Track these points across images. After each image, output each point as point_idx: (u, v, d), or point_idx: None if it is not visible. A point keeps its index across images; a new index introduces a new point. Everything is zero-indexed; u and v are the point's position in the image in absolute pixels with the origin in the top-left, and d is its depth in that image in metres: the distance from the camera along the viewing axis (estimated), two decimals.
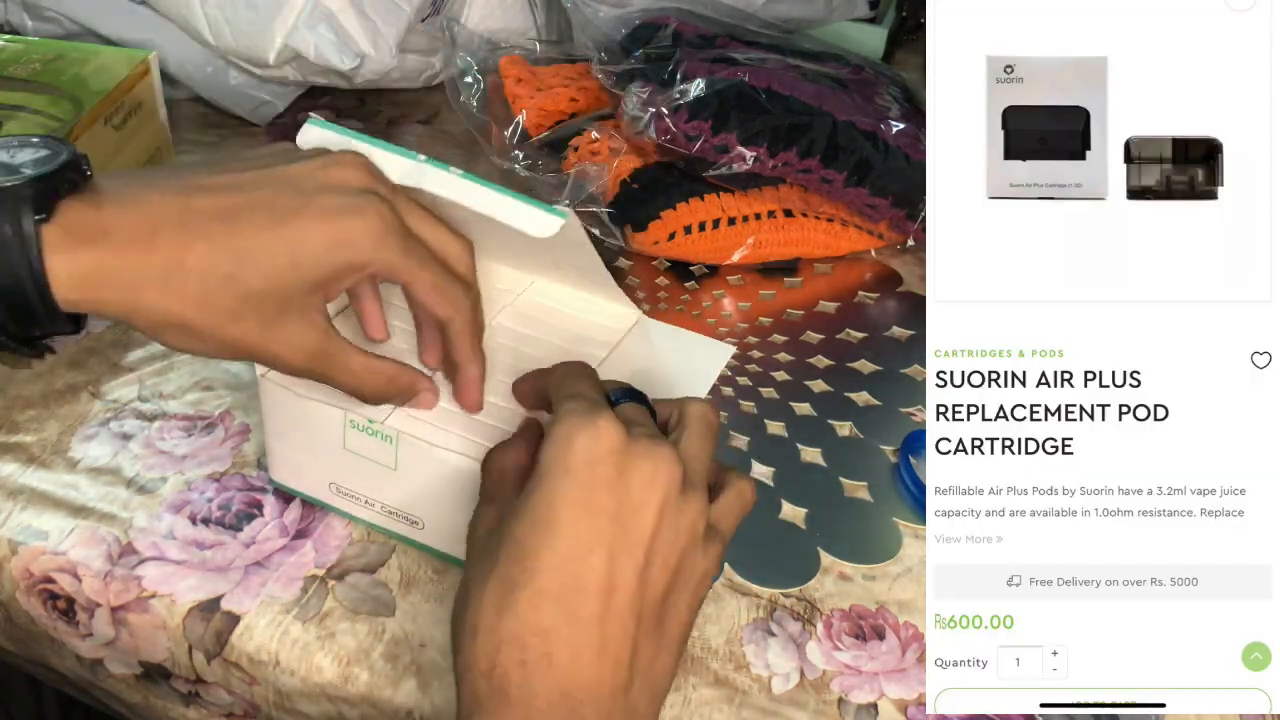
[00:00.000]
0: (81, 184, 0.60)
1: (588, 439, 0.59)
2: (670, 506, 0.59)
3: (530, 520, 0.58)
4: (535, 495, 0.58)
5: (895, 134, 1.06)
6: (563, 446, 0.59)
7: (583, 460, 0.58)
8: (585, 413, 0.60)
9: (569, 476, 0.58)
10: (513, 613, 0.56)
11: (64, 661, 0.80)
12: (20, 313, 0.58)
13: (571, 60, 1.26)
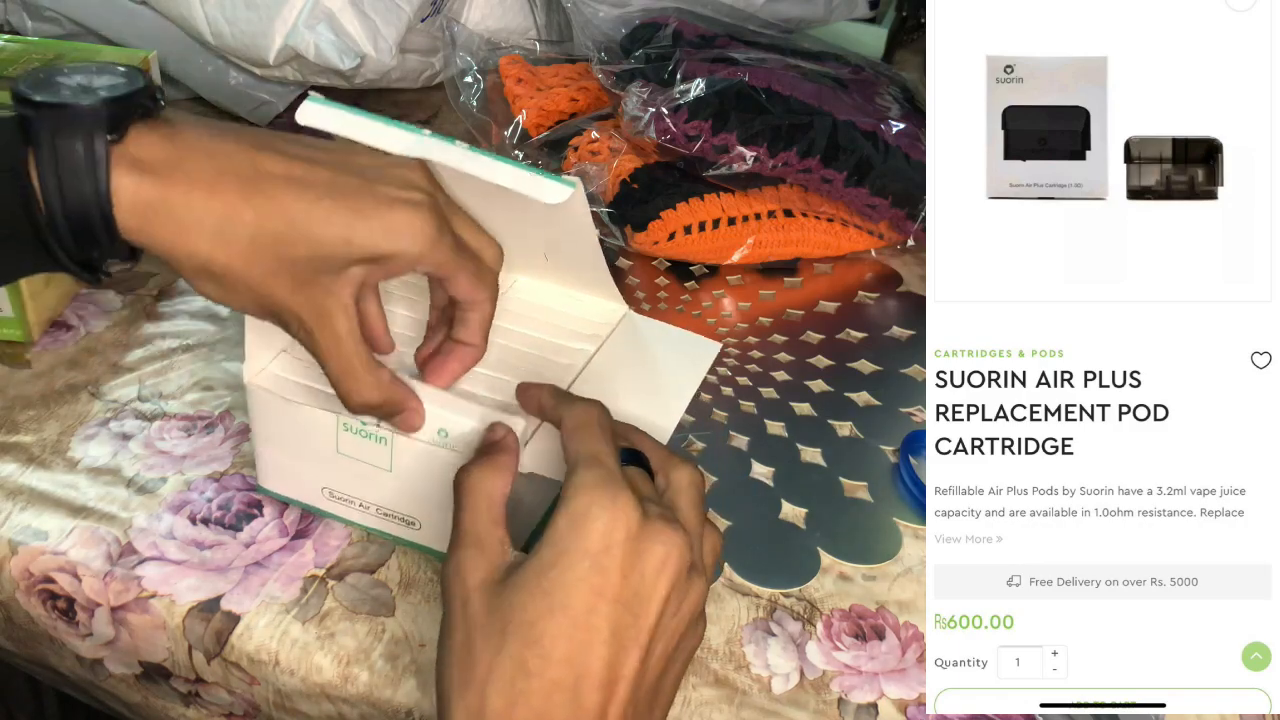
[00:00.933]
0: (154, 110, 0.60)
1: (608, 520, 0.58)
2: (677, 592, 0.59)
3: (546, 603, 0.57)
4: (551, 575, 0.57)
5: (895, 134, 1.06)
6: (581, 526, 0.58)
7: (601, 544, 0.58)
8: (604, 486, 0.59)
9: (587, 561, 0.57)
10: (525, 703, 0.56)
11: (64, 661, 0.80)
12: (82, 233, 0.58)
13: (571, 60, 1.26)
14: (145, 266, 1.03)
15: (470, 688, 0.57)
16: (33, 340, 0.93)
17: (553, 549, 0.58)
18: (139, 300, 0.99)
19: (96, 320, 0.96)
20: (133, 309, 0.98)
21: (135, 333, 0.95)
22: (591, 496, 0.59)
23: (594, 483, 0.59)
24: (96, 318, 0.97)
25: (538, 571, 0.58)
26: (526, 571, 0.58)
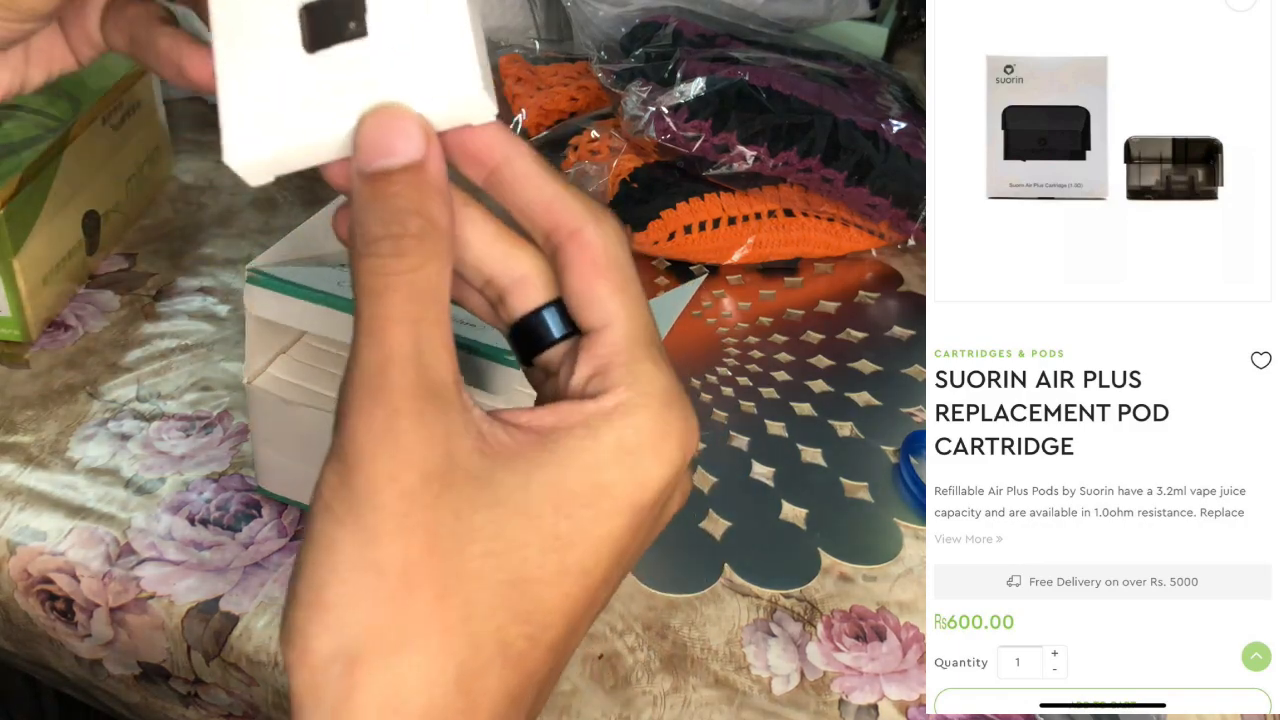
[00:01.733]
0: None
1: (673, 470, 0.46)
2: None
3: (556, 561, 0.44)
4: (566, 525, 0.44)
5: (896, 133, 1.06)
6: (639, 470, 0.45)
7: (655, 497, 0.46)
8: (677, 416, 0.46)
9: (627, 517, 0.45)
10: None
11: (63, 662, 0.79)
12: None
13: (571, 59, 1.26)
14: (144, 267, 1.03)
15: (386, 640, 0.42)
16: (31, 340, 0.93)
17: (583, 477, 0.45)
18: (137, 300, 0.99)
19: (95, 320, 0.96)
20: (131, 309, 0.98)
21: (134, 333, 0.95)
22: (664, 428, 0.46)
23: (664, 405, 0.46)
24: (95, 318, 0.97)
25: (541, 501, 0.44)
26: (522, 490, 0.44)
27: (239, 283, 0.97)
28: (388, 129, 0.44)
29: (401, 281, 0.43)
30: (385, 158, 0.44)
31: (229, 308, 0.98)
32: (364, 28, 0.45)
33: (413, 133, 0.44)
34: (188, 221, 1.09)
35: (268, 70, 0.44)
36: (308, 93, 0.44)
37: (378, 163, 0.44)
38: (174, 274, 1.02)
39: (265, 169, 0.45)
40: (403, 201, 0.44)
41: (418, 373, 0.42)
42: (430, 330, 0.43)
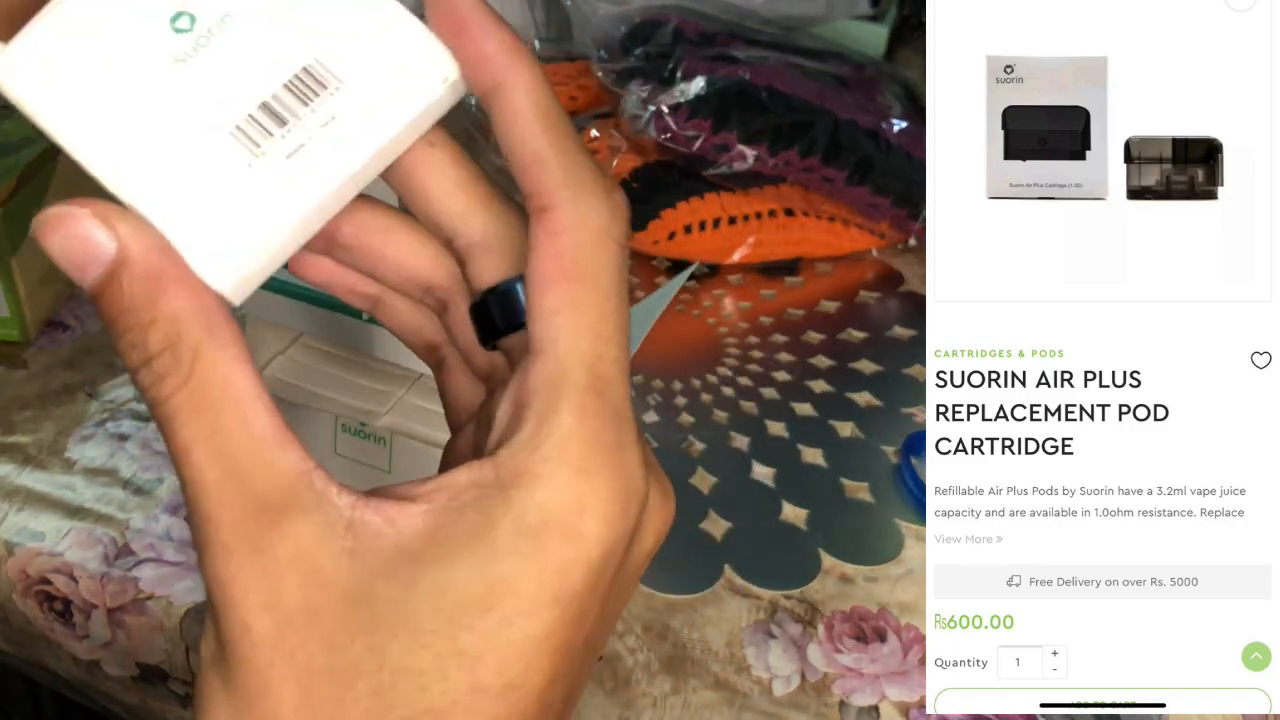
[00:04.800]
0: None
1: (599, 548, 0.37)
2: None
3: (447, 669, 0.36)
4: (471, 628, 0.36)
5: (897, 133, 1.06)
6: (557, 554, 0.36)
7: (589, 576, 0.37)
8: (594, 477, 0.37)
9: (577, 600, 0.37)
10: None
11: (61, 663, 0.79)
12: None
13: (570, 58, 1.25)
14: None
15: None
16: (29, 340, 0.93)
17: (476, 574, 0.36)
18: None
19: (93, 320, 0.96)
20: None
21: None
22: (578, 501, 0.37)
23: (579, 471, 0.37)
24: (93, 317, 0.96)
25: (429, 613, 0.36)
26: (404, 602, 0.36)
27: None
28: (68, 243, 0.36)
29: (176, 405, 0.36)
30: (86, 272, 0.36)
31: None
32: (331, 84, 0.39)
33: (88, 234, 0.36)
34: None
35: (201, 173, 0.38)
36: (259, 175, 0.38)
37: (86, 281, 0.36)
38: None
39: (256, 275, 0.39)
40: (129, 317, 0.36)
41: (235, 497, 0.36)
42: (231, 438, 0.36)
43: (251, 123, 0.38)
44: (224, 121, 0.38)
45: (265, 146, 0.38)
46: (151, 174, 0.37)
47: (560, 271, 0.38)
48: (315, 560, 0.36)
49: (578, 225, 0.38)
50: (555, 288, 0.38)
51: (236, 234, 0.37)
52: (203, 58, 0.38)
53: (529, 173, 0.38)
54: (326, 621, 0.35)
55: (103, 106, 0.37)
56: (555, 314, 0.38)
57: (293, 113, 0.38)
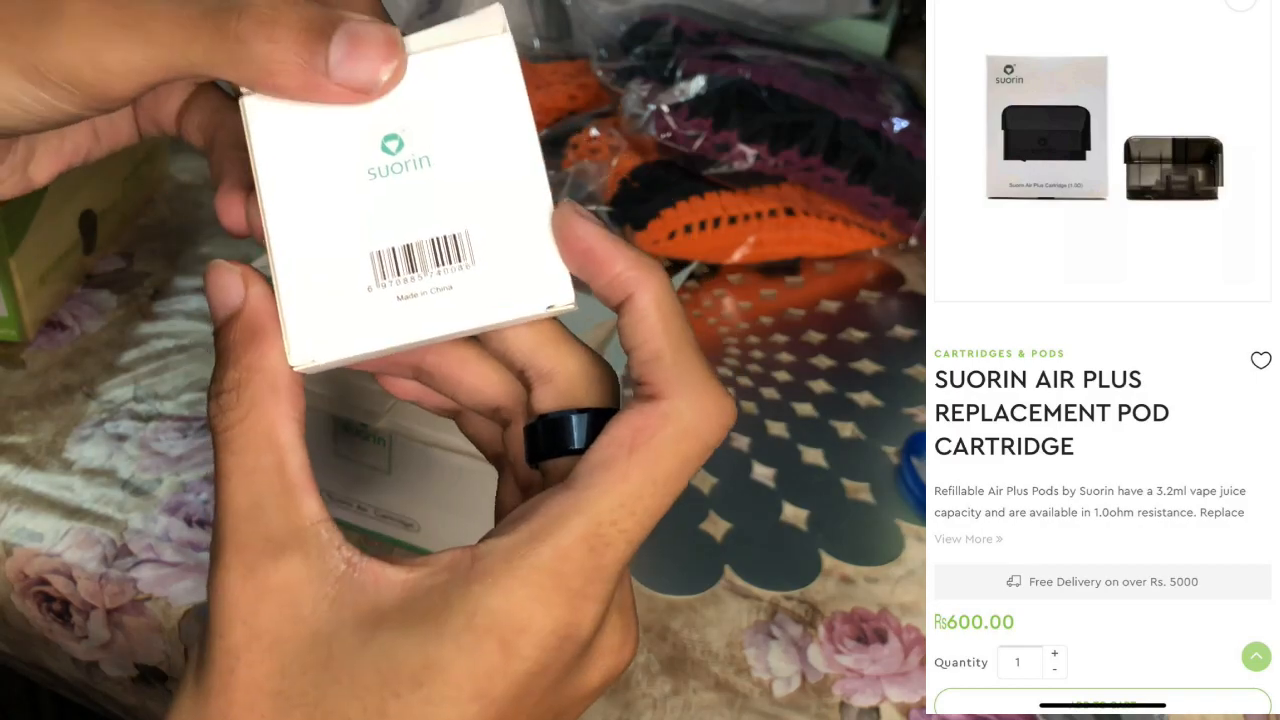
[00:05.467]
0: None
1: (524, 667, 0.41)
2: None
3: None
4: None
5: (898, 132, 1.06)
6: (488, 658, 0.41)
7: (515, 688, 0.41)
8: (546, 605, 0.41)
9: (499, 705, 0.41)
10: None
11: (59, 664, 0.79)
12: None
13: (570, 57, 1.26)
14: (141, 266, 1.03)
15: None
16: (28, 340, 0.93)
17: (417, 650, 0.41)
18: (134, 300, 0.99)
19: (91, 320, 0.96)
20: (128, 309, 0.98)
21: (130, 333, 0.95)
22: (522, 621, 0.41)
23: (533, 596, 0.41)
24: (91, 318, 0.96)
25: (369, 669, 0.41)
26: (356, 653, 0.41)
27: None
28: (214, 286, 0.44)
29: (229, 436, 0.43)
30: (216, 313, 0.44)
31: None
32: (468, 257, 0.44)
33: (230, 284, 0.44)
34: (185, 221, 1.09)
35: (333, 273, 0.43)
36: (370, 299, 0.43)
37: (214, 321, 0.45)
38: (171, 274, 1.02)
39: (324, 368, 0.44)
40: (225, 356, 0.44)
41: (251, 526, 0.42)
42: (266, 479, 0.42)
43: (390, 256, 0.43)
44: (371, 243, 0.43)
45: (388, 281, 0.43)
46: (300, 256, 0.43)
47: (630, 444, 0.42)
48: (297, 596, 0.41)
49: (667, 415, 0.42)
50: (617, 451, 0.42)
51: (326, 335, 0.43)
52: (389, 182, 0.43)
53: (646, 366, 0.43)
54: (288, 651, 0.41)
55: (300, 180, 0.43)
56: (600, 468, 0.42)
57: (425, 266, 0.43)
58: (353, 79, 0.42)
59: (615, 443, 0.42)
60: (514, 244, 0.43)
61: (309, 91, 0.42)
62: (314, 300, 0.43)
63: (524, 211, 0.44)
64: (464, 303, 0.43)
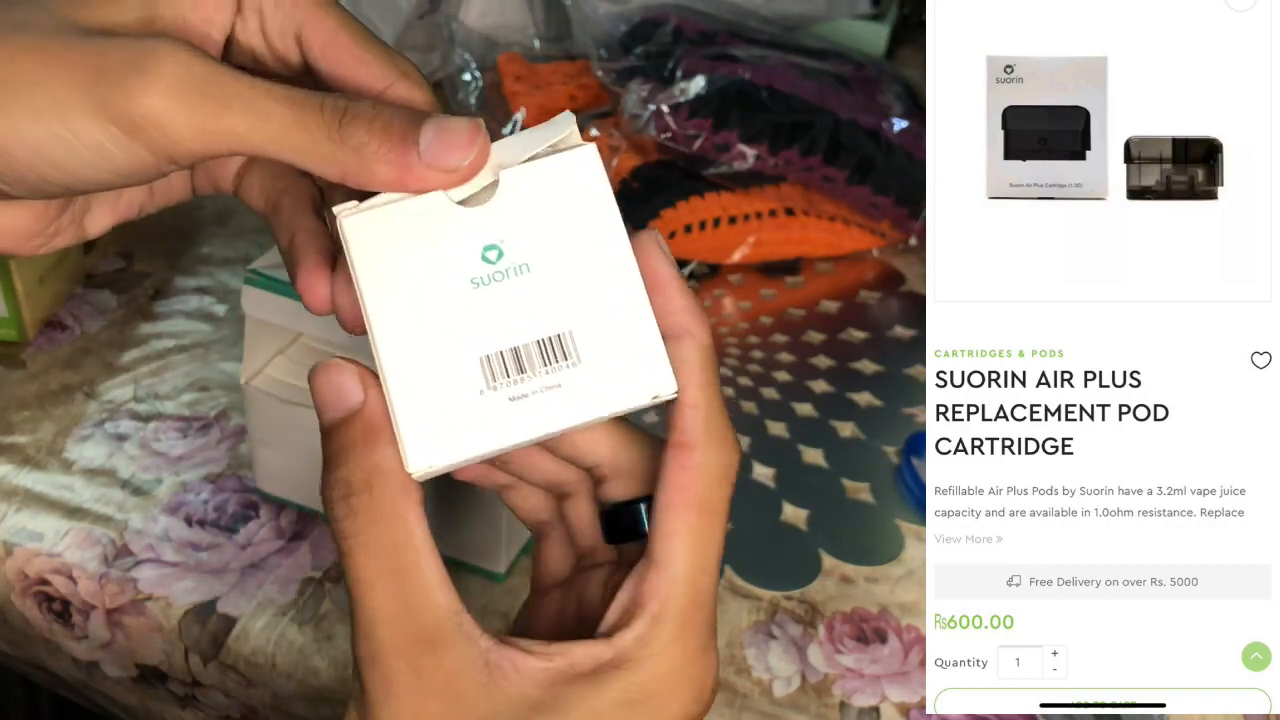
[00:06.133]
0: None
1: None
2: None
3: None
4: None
5: (898, 132, 1.06)
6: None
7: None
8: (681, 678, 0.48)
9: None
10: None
11: (60, 664, 0.79)
12: None
13: (570, 58, 1.26)
14: (141, 266, 1.03)
15: None
16: (28, 340, 0.93)
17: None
18: (134, 300, 0.99)
19: (92, 320, 0.96)
20: (128, 309, 0.98)
21: (131, 333, 0.95)
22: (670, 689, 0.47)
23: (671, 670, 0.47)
24: (92, 318, 0.96)
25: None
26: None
27: (237, 282, 0.97)
28: (327, 384, 0.46)
29: (363, 541, 0.45)
30: (329, 412, 0.46)
31: (226, 307, 0.98)
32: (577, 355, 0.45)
33: (347, 384, 0.45)
34: (185, 221, 1.09)
35: (444, 379, 0.45)
36: (482, 402, 0.45)
37: (325, 418, 0.46)
38: (171, 273, 1.02)
39: (440, 472, 0.45)
40: (346, 455, 0.45)
41: (404, 626, 0.44)
42: (407, 579, 0.45)
43: (499, 360, 0.45)
44: (480, 348, 0.45)
45: (499, 384, 0.45)
46: (411, 362, 0.44)
47: (684, 502, 0.46)
48: (459, 686, 0.45)
49: (705, 464, 0.47)
50: (678, 515, 0.46)
51: (441, 439, 0.44)
52: (492, 289, 0.45)
53: (683, 414, 0.47)
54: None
55: (404, 292, 0.45)
56: (675, 536, 0.46)
57: (533, 367, 0.45)
58: (442, 162, 0.44)
59: (672, 506, 0.47)
60: (616, 339, 0.45)
61: (403, 175, 0.44)
62: (427, 406, 0.44)
63: (622, 307, 0.45)
64: (573, 399, 0.45)
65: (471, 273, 0.45)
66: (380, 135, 0.43)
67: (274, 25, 0.48)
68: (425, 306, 0.45)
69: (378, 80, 0.48)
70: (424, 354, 0.45)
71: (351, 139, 0.43)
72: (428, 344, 0.45)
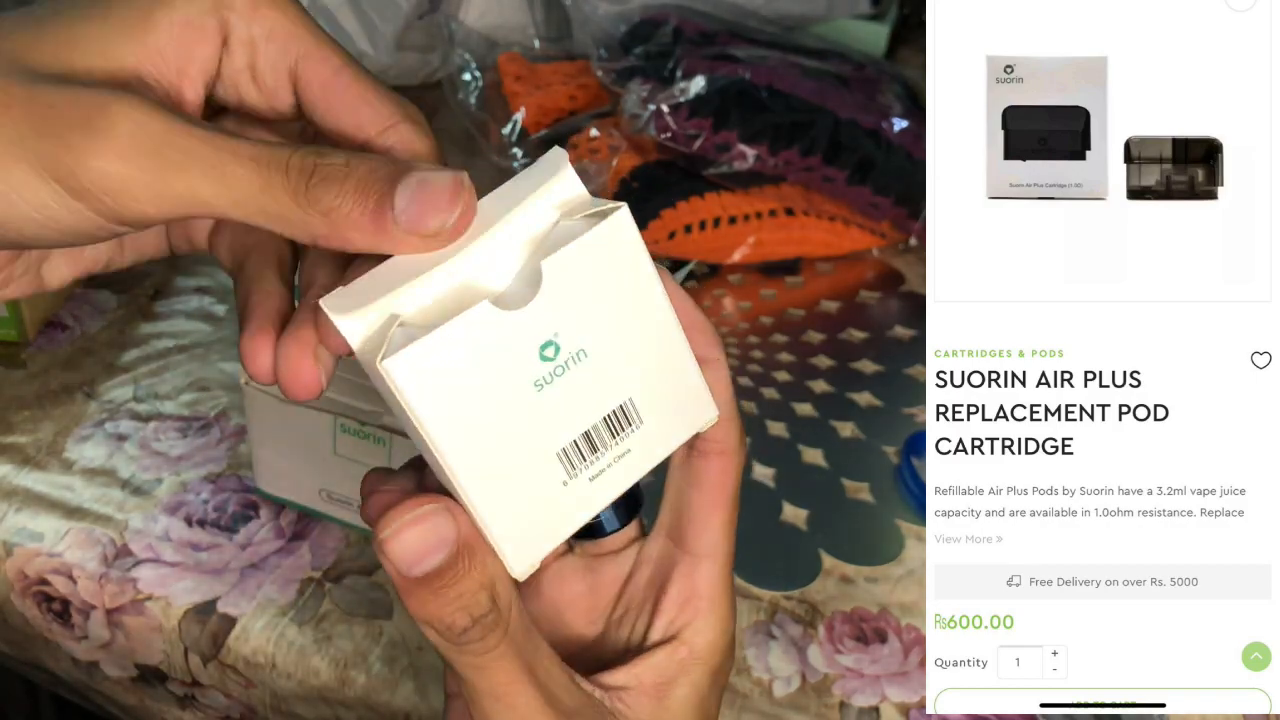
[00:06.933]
0: None
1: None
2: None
3: None
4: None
5: (898, 132, 1.06)
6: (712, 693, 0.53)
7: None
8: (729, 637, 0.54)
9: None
10: None
11: (59, 664, 0.79)
12: None
13: (570, 57, 1.25)
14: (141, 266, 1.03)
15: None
16: (28, 340, 0.93)
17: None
18: (134, 300, 0.99)
19: (92, 320, 0.96)
20: (128, 309, 0.98)
21: (131, 333, 0.95)
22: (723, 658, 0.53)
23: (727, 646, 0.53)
24: (92, 318, 0.96)
25: None
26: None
27: None
28: (422, 536, 0.42)
29: (499, 652, 0.44)
30: (427, 561, 0.43)
31: (226, 307, 0.98)
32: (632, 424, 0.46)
33: (443, 528, 0.43)
34: None
35: (529, 485, 0.44)
36: (566, 490, 0.45)
37: (423, 567, 0.43)
38: (171, 273, 1.02)
39: (534, 569, 0.46)
40: (462, 588, 0.43)
41: (554, 713, 0.46)
42: (540, 669, 0.46)
43: (575, 449, 0.44)
44: (556, 444, 0.44)
45: (578, 470, 0.45)
46: (493, 478, 0.43)
47: (725, 502, 0.51)
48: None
49: (738, 467, 0.51)
50: (722, 513, 0.51)
51: (538, 536, 0.45)
52: (556, 386, 0.43)
53: (720, 426, 0.49)
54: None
55: (469, 416, 0.42)
56: (718, 531, 0.51)
57: (604, 444, 0.45)
58: (421, 226, 0.41)
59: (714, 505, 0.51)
60: (668, 390, 0.46)
61: (378, 240, 0.41)
62: (519, 515, 0.44)
63: (669, 358, 0.46)
64: (640, 455, 0.46)
65: (533, 376, 0.43)
66: (352, 197, 0.40)
67: (266, 61, 0.45)
68: (494, 424, 0.43)
69: (379, 120, 0.46)
70: (505, 470, 0.43)
71: (321, 202, 0.40)
72: (506, 460, 0.43)
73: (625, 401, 0.45)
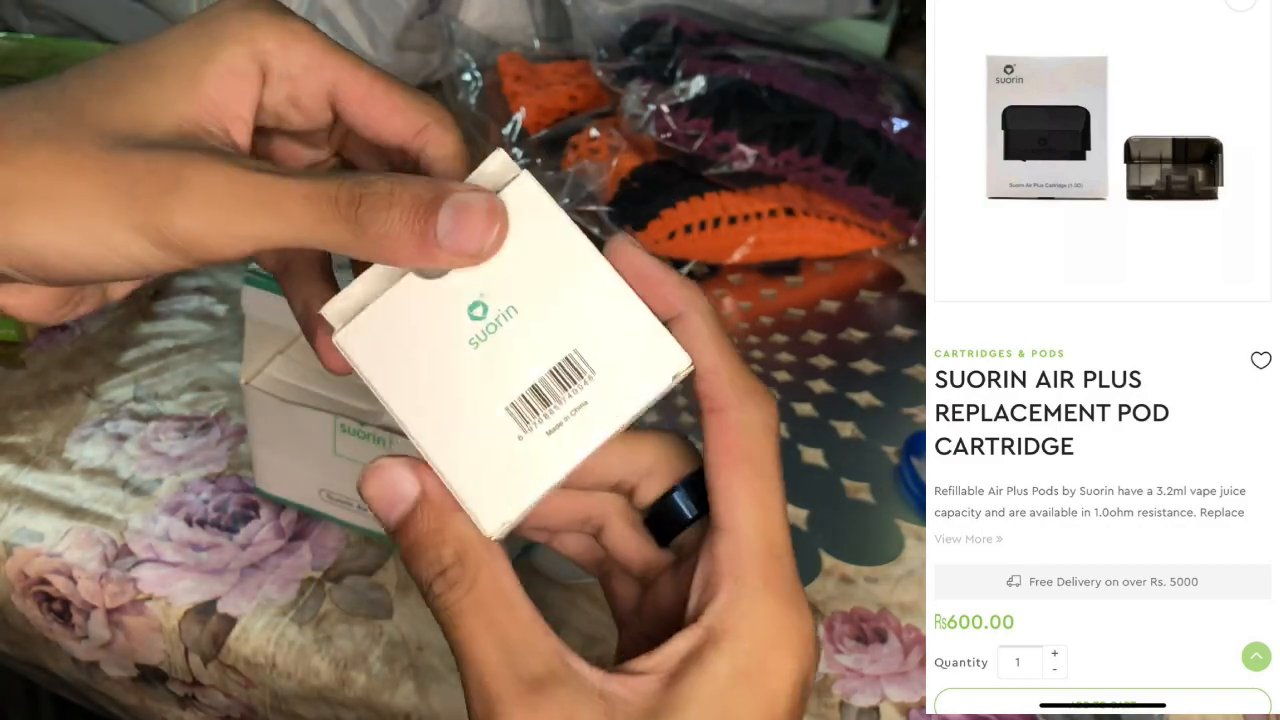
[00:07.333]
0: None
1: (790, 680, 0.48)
2: None
3: None
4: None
5: (898, 132, 1.06)
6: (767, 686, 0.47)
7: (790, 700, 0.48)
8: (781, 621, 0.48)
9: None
10: None
11: (60, 664, 0.79)
12: None
13: (571, 58, 1.26)
14: None
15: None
16: (28, 340, 0.93)
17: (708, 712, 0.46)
18: (135, 300, 0.99)
19: (92, 320, 0.96)
20: (128, 309, 0.98)
21: (131, 333, 0.95)
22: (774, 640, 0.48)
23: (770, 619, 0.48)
24: (92, 318, 0.96)
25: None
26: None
27: (236, 282, 0.97)
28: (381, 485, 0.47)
29: (464, 605, 0.46)
30: (394, 509, 0.47)
31: (226, 307, 0.98)
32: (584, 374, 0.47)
33: (403, 478, 0.47)
34: None
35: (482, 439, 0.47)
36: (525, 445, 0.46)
37: (392, 517, 0.47)
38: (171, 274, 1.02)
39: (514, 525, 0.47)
40: (428, 540, 0.47)
41: (514, 674, 0.45)
42: (507, 629, 0.46)
43: (524, 402, 0.46)
44: (503, 399, 0.46)
45: (532, 423, 0.46)
46: (447, 437, 0.46)
47: (733, 462, 0.48)
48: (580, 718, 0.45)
49: (745, 422, 0.48)
50: (731, 474, 0.48)
51: (504, 493, 0.46)
52: (491, 343, 0.46)
53: (705, 380, 0.48)
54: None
55: (415, 379, 0.47)
56: (733, 496, 0.48)
57: (555, 396, 0.46)
58: (464, 248, 0.45)
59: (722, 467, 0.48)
60: (619, 339, 0.47)
61: (425, 261, 0.46)
62: (479, 471, 0.46)
63: (612, 308, 0.47)
64: (603, 408, 0.46)
65: (467, 335, 0.46)
66: (399, 223, 0.45)
67: (305, 90, 0.50)
68: (440, 383, 0.46)
69: (412, 126, 0.50)
70: (457, 426, 0.46)
71: (371, 229, 0.45)
72: (456, 416, 0.46)
73: (570, 354, 0.47)
